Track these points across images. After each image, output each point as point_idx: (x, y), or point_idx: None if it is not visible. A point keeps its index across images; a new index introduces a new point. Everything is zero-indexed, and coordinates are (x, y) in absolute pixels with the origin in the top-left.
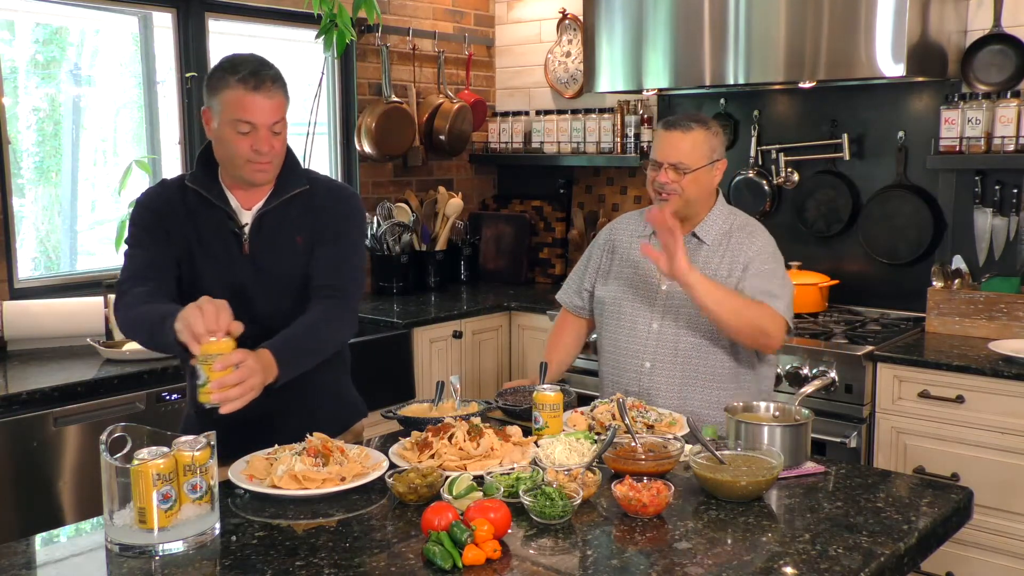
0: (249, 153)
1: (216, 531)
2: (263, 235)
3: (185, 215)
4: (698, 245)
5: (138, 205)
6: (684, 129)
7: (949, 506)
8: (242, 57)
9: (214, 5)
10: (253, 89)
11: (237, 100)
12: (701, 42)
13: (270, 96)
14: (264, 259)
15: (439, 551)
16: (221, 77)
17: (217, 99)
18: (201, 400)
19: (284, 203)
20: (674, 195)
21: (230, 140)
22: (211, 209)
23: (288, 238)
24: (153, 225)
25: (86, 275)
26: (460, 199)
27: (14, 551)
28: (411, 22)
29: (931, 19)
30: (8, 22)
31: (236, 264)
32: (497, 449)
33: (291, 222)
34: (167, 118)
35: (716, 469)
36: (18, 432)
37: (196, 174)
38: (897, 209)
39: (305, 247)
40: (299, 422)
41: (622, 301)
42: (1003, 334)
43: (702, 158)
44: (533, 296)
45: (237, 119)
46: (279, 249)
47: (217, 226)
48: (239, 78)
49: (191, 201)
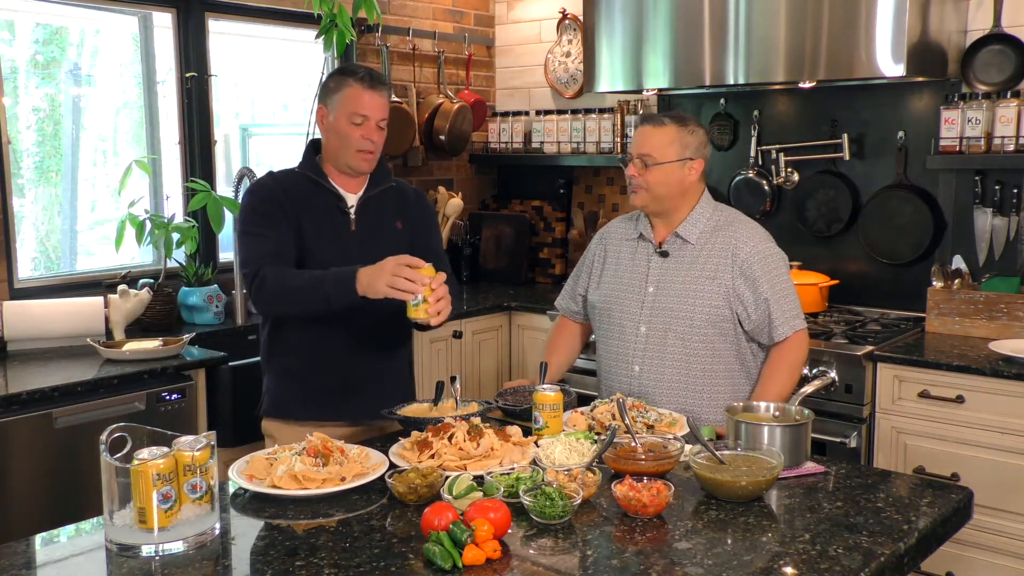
0: (361, 142)
1: (216, 531)
2: (367, 217)
3: (299, 198)
4: (682, 244)
5: (252, 195)
6: (656, 124)
7: (949, 506)
8: (357, 65)
9: (214, 5)
10: (369, 87)
11: (356, 96)
12: (701, 42)
13: (381, 95)
14: (368, 237)
15: (439, 551)
16: (341, 79)
17: (336, 97)
18: (414, 316)
19: (380, 193)
20: (640, 189)
21: (345, 131)
22: (322, 193)
23: (390, 221)
24: (273, 211)
25: (86, 275)
26: (460, 199)
27: (14, 551)
28: (411, 22)
29: (931, 19)
30: (8, 22)
31: (344, 239)
32: (497, 449)
33: (389, 209)
34: (167, 118)
35: (716, 469)
36: (18, 432)
37: (306, 164)
38: (897, 209)
39: (404, 232)
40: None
41: (612, 305)
42: (1003, 334)
43: (671, 154)
44: (533, 296)
45: (354, 112)
46: (382, 229)
47: (327, 207)
48: (358, 78)
49: (303, 186)
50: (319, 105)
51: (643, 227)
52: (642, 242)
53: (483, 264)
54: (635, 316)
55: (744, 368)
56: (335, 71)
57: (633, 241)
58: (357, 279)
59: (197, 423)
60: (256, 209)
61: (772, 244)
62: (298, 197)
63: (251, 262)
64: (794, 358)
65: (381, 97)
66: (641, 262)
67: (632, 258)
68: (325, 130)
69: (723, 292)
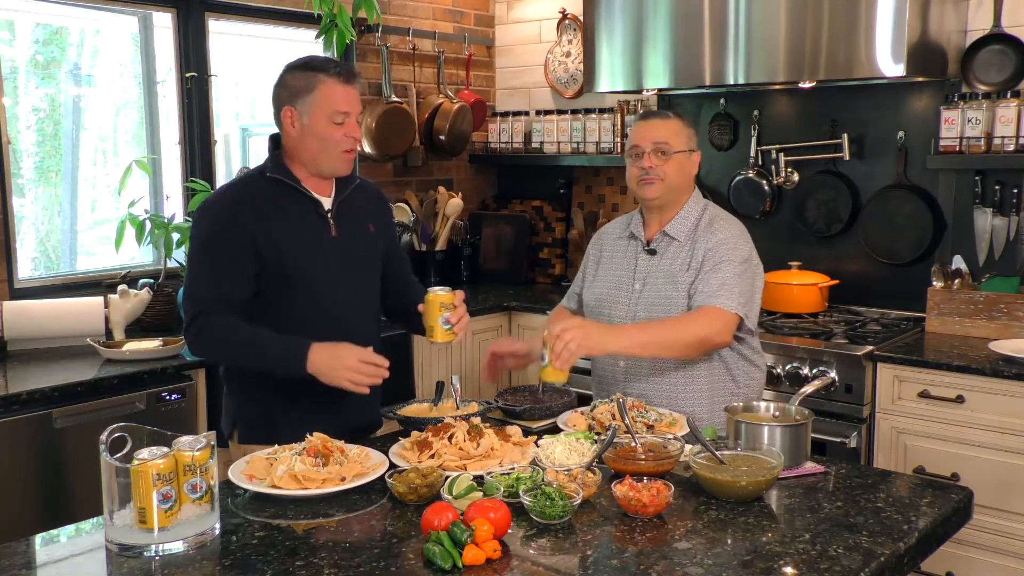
0: (345, 141)
1: (216, 531)
2: (344, 221)
3: (270, 206)
4: (668, 242)
5: (208, 217)
6: (663, 117)
7: (949, 506)
8: (322, 57)
9: (214, 5)
10: (346, 82)
11: (333, 93)
12: (701, 42)
13: (356, 87)
14: (349, 242)
15: (439, 551)
16: (311, 76)
17: (310, 97)
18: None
19: (351, 193)
20: (657, 180)
21: (326, 132)
22: (297, 198)
23: (363, 224)
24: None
25: (86, 275)
26: (460, 199)
27: (14, 551)
28: (411, 22)
29: (931, 19)
30: (8, 22)
31: (324, 244)
32: (497, 449)
33: (361, 211)
34: (167, 118)
35: (716, 469)
36: (18, 432)
37: (277, 167)
38: (897, 209)
39: (377, 235)
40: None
41: (602, 302)
42: (1003, 334)
43: (681, 144)
44: (533, 296)
45: (334, 110)
46: (358, 233)
47: (303, 213)
48: (332, 73)
49: (273, 192)
50: (286, 107)
51: (635, 226)
52: (632, 240)
53: (483, 264)
54: (623, 312)
55: (723, 362)
56: (296, 66)
57: (624, 240)
58: (309, 359)
59: (197, 423)
60: (209, 238)
61: (741, 240)
62: (268, 205)
63: (194, 302)
64: (687, 324)
65: (356, 89)
66: (630, 260)
67: (623, 256)
68: (299, 134)
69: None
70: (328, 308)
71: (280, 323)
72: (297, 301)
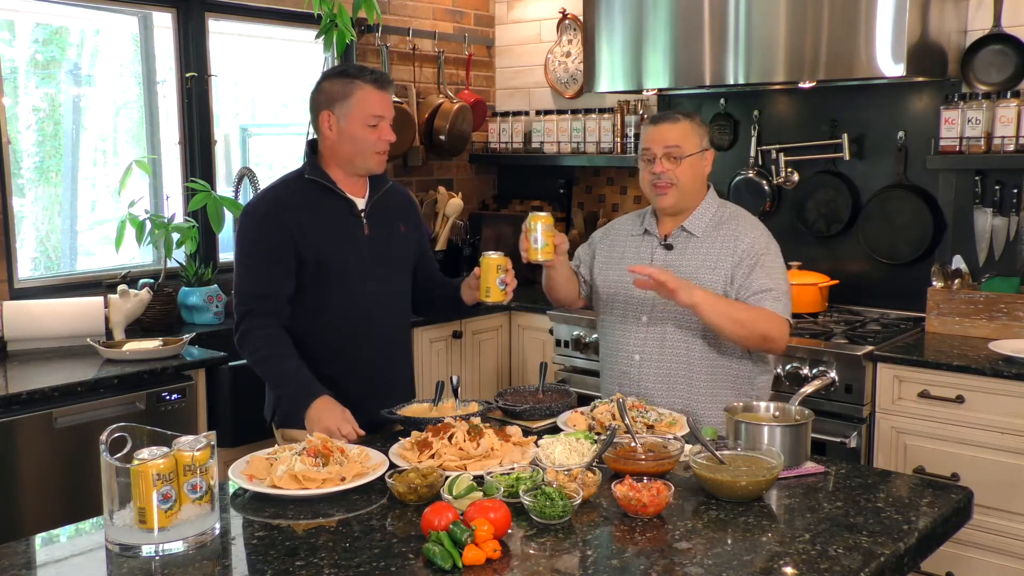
0: (379, 143)
1: (216, 531)
2: (376, 220)
3: (308, 208)
4: (687, 238)
5: (253, 220)
6: (672, 120)
7: (949, 506)
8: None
9: (214, 5)
10: (381, 88)
11: (369, 98)
12: (701, 42)
13: (390, 93)
14: (380, 240)
15: (439, 551)
16: (348, 83)
17: (347, 102)
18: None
19: (384, 195)
20: (671, 186)
21: (362, 135)
22: (333, 199)
23: (394, 224)
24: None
25: (86, 275)
26: (460, 199)
27: (14, 551)
28: (411, 22)
29: (931, 19)
30: (8, 22)
31: (359, 243)
32: (497, 449)
33: (392, 212)
34: (167, 118)
35: (716, 469)
36: (18, 432)
37: (315, 170)
38: (897, 209)
39: (407, 235)
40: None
41: (616, 294)
42: (1003, 334)
43: (693, 146)
44: (533, 296)
45: (369, 114)
46: (390, 232)
47: (339, 213)
48: (368, 80)
49: (312, 194)
50: (324, 112)
51: (648, 223)
52: (647, 236)
53: None
54: (637, 306)
55: (742, 365)
56: (334, 74)
57: (638, 237)
58: (311, 405)
59: (197, 423)
60: (255, 238)
61: (772, 239)
62: (307, 207)
63: (242, 299)
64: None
65: (390, 95)
66: (645, 254)
67: (637, 251)
68: (335, 136)
69: (721, 281)
70: (360, 300)
71: (317, 313)
72: (332, 293)
